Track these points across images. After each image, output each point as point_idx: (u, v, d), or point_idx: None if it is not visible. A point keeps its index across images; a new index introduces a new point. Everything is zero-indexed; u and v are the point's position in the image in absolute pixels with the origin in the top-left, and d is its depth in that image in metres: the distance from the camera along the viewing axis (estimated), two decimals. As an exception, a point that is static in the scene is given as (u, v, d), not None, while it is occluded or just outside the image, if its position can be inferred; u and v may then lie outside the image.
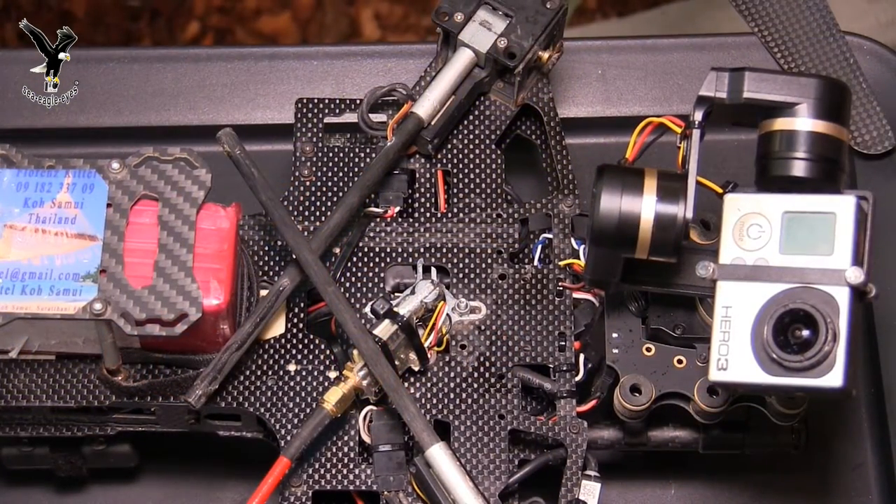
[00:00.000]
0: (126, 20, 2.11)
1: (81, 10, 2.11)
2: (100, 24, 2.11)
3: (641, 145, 1.06)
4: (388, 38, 2.12)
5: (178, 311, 1.00)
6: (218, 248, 1.03)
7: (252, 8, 2.13)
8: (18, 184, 1.03)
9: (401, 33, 2.14)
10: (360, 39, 2.11)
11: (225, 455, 1.16)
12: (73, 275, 1.01)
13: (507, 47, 1.11)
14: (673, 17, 2.13)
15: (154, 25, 2.11)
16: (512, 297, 1.09)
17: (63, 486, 1.15)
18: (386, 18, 2.14)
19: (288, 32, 2.13)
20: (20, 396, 1.06)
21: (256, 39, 2.11)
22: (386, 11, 2.14)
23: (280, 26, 2.13)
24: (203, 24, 2.12)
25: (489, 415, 1.06)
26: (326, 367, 1.08)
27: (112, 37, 2.09)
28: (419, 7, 2.14)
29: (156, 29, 2.11)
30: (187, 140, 1.21)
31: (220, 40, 2.10)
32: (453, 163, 1.14)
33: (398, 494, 1.04)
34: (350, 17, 2.14)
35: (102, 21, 2.11)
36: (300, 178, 1.13)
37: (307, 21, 2.14)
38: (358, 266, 1.10)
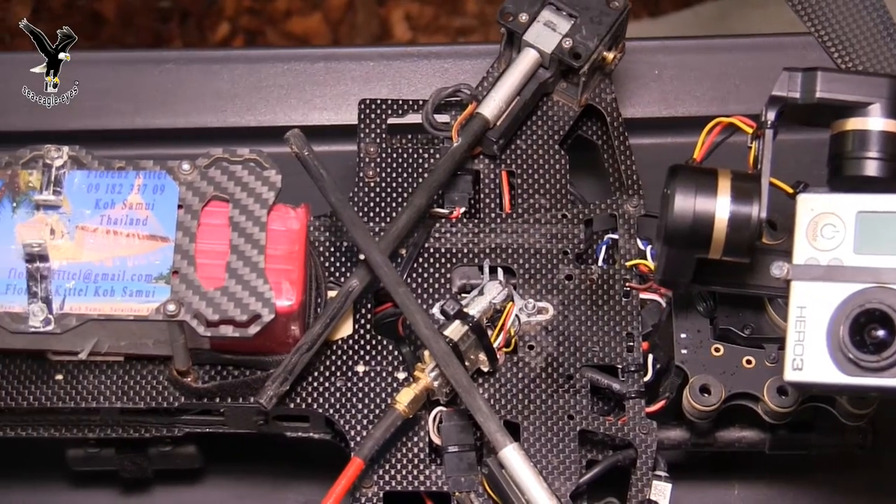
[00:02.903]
0: (156, 21, 2.11)
1: (111, 11, 2.11)
2: (130, 26, 2.11)
3: (710, 145, 1.06)
4: (419, 39, 2.12)
5: (250, 312, 1.00)
6: (289, 249, 1.03)
7: (282, 9, 2.13)
8: (89, 185, 1.03)
9: (431, 34, 2.14)
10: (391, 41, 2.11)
11: (288, 456, 1.16)
12: (145, 276, 1.01)
13: (573, 47, 1.11)
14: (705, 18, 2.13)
15: (184, 27, 2.11)
16: (578, 298, 1.09)
17: (127, 487, 1.16)
18: (416, 19, 2.14)
19: (319, 33, 2.13)
20: (89, 398, 1.06)
21: (287, 41, 2.11)
22: (416, 12, 2.14)
23: (311, 27, 2.13)
24: (233, 25, 2.12)
25: (558, 415, 1.06)
26: (394, 367, 1.08)
27: (142, 38, 2.09)
28: (449, 8, 2.14)
29: (186, 30, 2.11)
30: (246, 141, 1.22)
31: (251, 41, 2.10)
32: (517, 163, 1.14)
33: (469, 495, 1.04)
34: (381, 18, 2.14)
35: (132, 22, 2.11)
36: (364, 178, 1.13)
37: (338, 22, 2.14)
38: (424, 267, 1.10)
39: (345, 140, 1.22)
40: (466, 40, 2.13)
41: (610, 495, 1.07)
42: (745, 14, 2.09)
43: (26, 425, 1.08)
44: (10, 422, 1.08)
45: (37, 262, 0.99)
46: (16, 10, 2.11)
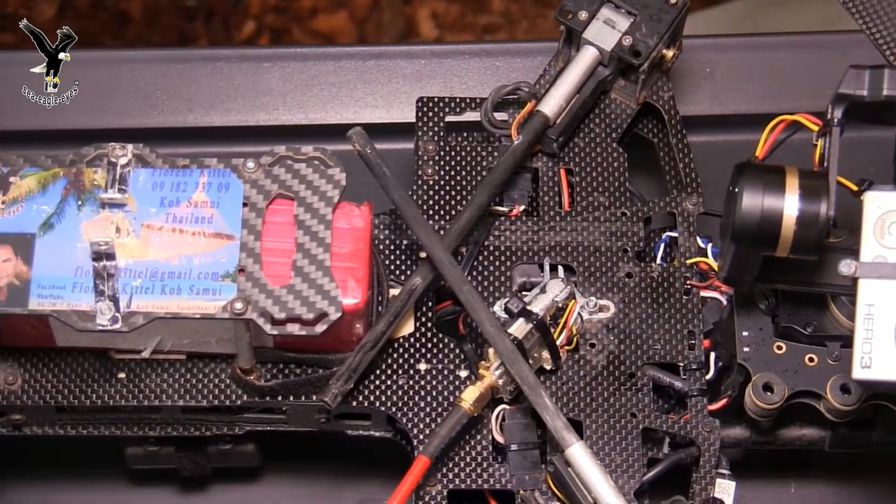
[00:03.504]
0: (182, 20, 2.11)
1: (137, 10, 2.10)
2: (156, 24, 2.11)
3: (773, 143, 1.06)
4: (445, 37, 2.12)
5: (317, 310, 1.00)
6: (354, 247, 1.03)
7: (308, 7, 2.13)
8: (154, 183, 1.03)
9: (457, 32, 2.14)
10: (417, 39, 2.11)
11: (345, 454, 1.16)
12: (211, 274, 1.01)
13: (633, 45, 1.11)
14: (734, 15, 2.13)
15: (210, 25, 2.11)
16: (639, 296, 1.09)
17: (186, 485, 1.15)
18: (442, 17, 2.14)
19: (345, 31, 2.13)
20: (152, 396, 1.06)
21: (313, 39, 2.11)
22: (442, 10, 2.14)
23: (337, 25, 2.13)
24: (259, 23, 2.12)
25: (620, 413, 1.06)
26: (456, 366, 1.08)
27: (168, 37, 2.09)
28: (475, 6, 2.14)
29: (211, 29, 2.11)
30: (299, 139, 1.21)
31: (277, 40, 2.10)
32: (575, 161, 1.14)
33: (534, 493, 1.04)
34: (406, 17, 2.14)
35: (158, 21, 2.11)
36: (423, 176, 1.13)
37: (364, 20, 2.14)
38: (484, 265, 1.10)
39: (396, 138, 1.22)
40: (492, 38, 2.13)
41: (667, 494, 1.07)
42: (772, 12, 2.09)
43: (87, 423, 1.08)
44: (72, 420, 1.07)
45: (103, 261, 0.99)
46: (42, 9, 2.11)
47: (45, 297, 0.99)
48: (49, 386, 1.06)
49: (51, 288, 1.00)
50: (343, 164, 1.05)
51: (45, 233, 1.01)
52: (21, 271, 1.00)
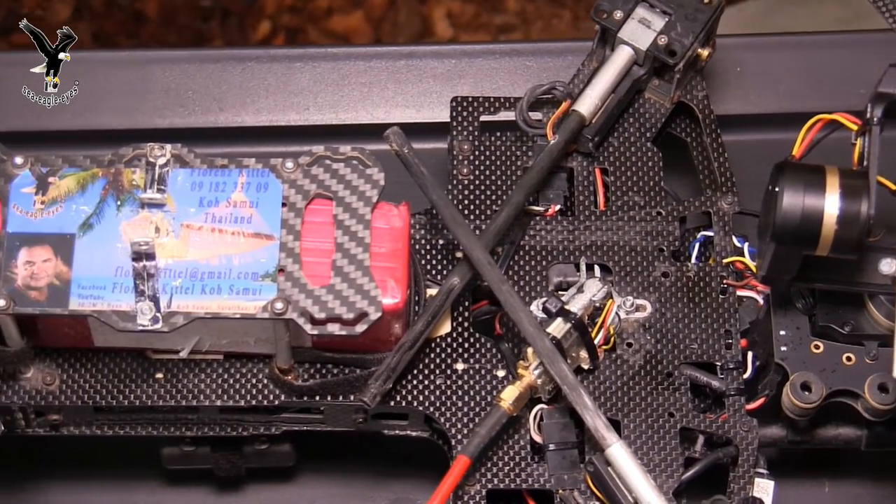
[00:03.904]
0: (197, 20, 2.11)
1: (153, 10, 2.10)
2: (171, 25, 2.11)
3: (810, 142, 1.06)
4: (461, 37, 2.12)
5: (357, 310, 1.00)
6: (393, 246, 1.03)
7: (324, 7, 2.13)
8: (193, 183, 1.03)
9: (472, 32, 2.14)
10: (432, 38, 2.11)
11: (379, 454, 1.16)
12: (251, 274, 1.01)
13: (668, 44, 1.11)
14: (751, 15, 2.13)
15: (225, 25, 2.11)
16: (675, 295, 1.09)
17: (221, 485, 1.15)
18: (458, 17, 2.14)
19: (360, 32, 2.13)
20: (189, 396, 1.06)
21: (328, 39, 2.11)
22: (458, 10, 2.14)
23: (352, 25, 2.13)
24: (274, 23, 2.12)
25: (658, 413, 1.06)
26: (493, 365, 1.07)
27: (184, 37, 2.09)
28: (490, 6, 2.14)
29: (227, 29, 2.11)
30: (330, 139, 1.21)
31: (292, 40, 2.10)
32: (610, 160, 1.14)
33: (573, 493, 1.04)
34: (422, 16, 2.14)
35: (174, 21, 2.11)
36: (458, 176, 1.13)
37: (380, 20, 2.14)
38: (520, 265, 1.10)
39: (426, 137, 1.22)
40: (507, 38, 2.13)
41: (701, 493, 1.07)
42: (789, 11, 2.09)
43: (124, 423, 1.08)
44: (109, 420, 1.07)
45: (143, 261, 0.99)
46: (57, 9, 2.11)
47: (86, 297, 0.99)
48: (87, 386, 1.06)
49: (91, 288, 1.00)
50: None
51: (84, 233, 1.01)
52: (61, 271, 1.00)
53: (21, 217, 1.01)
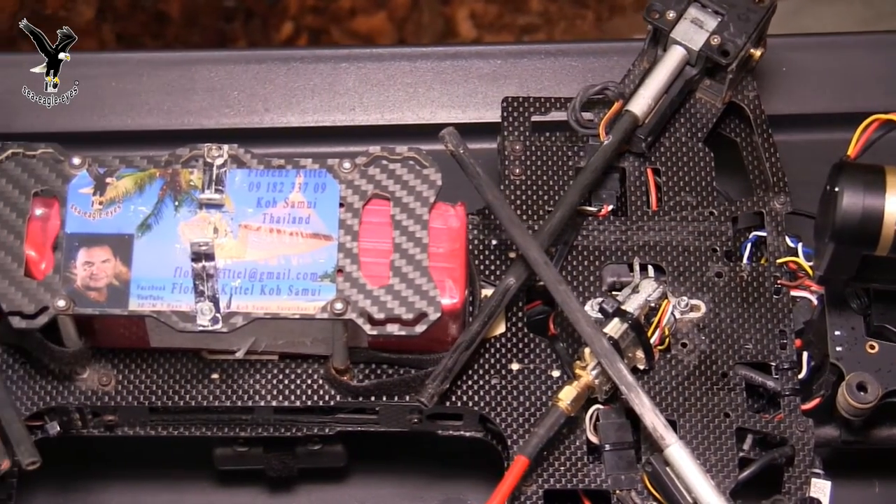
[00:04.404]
0: (220, 21, 2.11)
1: (176, 11, 2.10)
2: (194, 25, 2.11)
3: (865, 142, 1.06)
4: (484, 37, 2.12)
5: (416, 310, 1.00)
6: (450, 247, 1.03)
7: (347, 8, 2.13)
8: (250, 184, 1.03)
9: (496, 33, 2.14)
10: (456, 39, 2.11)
11: (430, 455, 1.16)
12: (310, 274, 1.01)
13: (721, 45, 1.11)
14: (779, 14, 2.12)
15: (248, 26, 2.11)
16: (729, 296, 1.09)
17: (272, 486, 1.15)
18: (481, 17, 2.14)
19: (384, 32, 2.13)
20: (245, 396, 1.06)
21: (352, 40, 2.11)
22: (481, 11, 2.14)
23: (376, 26, 2.13)
24: (297, 24, 2.12)
25: (714, 413, 1.06)
26: (548, 365, 1.07)
27: (206, 37, 2.09)
28: (513, 6, 2.14)
29: (250, 30, 2.11)
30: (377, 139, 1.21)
31: (315, 41, 2.09)
32: (662, 161, 1.14)
33: (630, 493, 1.04)
34: (445, 17, 2.14)
35: (197, 22, 2.11)
36: (510, 176, 1.13)
37: (403, 20, 2.13)
38: (573, 265, 1.10)
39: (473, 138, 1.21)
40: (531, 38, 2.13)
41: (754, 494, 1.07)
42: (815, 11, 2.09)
43: (178, 424, 1.07)
44: (163, 420, 1.07)
45: (203, 261, 0.99)
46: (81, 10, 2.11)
47: (145, 297, 0.99)
48: (142, 387, 1.06)
49: (150, 289, 1.00)
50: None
51: (143, 233, 1.01)
52: (120, 272, 1.00)
53: (79, 217, 1.01)
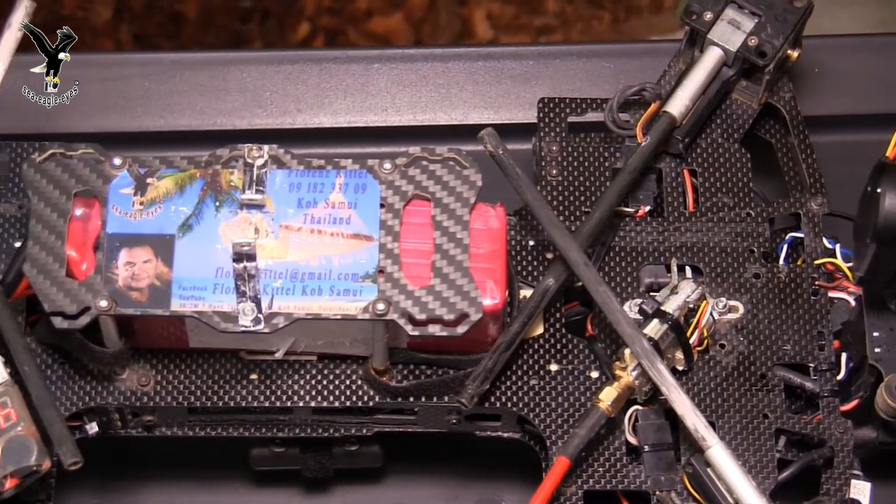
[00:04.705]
0: (236, 21, 2.11)
1: (192, 11, 2.10)
2: (210, 26, 2.11)
3: (904, 142, 1.06)
4: (501, 38, 2.12)
5: (457, 311, 1.00)
6: (491, 247, 1.03)
7: (363, 9, 2.13)
8: (291, 184, 1.03)
9: (512, 33, 2.14)
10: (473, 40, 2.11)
11: (465, 456, 1.16)
12: (351, 275, 1.01)
13: (758, 46, 1.11)
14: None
15: (264, 27, 2.11)
16: (766, 297, 1.09)
17: (307, 486, 1.15)
18: (498, 18, 2.14)
19: (400, 33, 2.13)
20: (283, 397, 1.06)
21: (368, 41, 2.11)
22: (498, 11, 2.14)
23: (392, 27, 2.13)
24: (313, 25, 2.12)
25: (753, 414, 1.06)
26: (587, 366, 1.07)
27: (222, 38, 2.09)
28: (529, 7, 2.14)
29: (266, 30, 2.11)
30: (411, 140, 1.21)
31: (331, 41, 2.09)
32: (698, 162, 1.14)
33: (670, 494, 1.04)
34: (462, 18, 2.14)
35: (213, 22, 2.11)
36: (547, 177, 1.13)
37: (420, 21, 2.14)
38: (610, 266, 1.10)
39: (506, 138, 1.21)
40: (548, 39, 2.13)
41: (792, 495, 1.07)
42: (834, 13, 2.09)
43: (216, 424, 1.07)
44: (201, 421, 1.07)
45: (244, 262, 0.99)
46: (98, 11, 2.11)
47: (187, 298, 0.99)
48: (181, 387, 1.05)
49: (192, 289, 0.99)
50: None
51: (184, 234, 1.01)
52: (162, 272, 1.00)
53: (120, 218, 1.01)
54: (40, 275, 0.99)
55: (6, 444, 0.99)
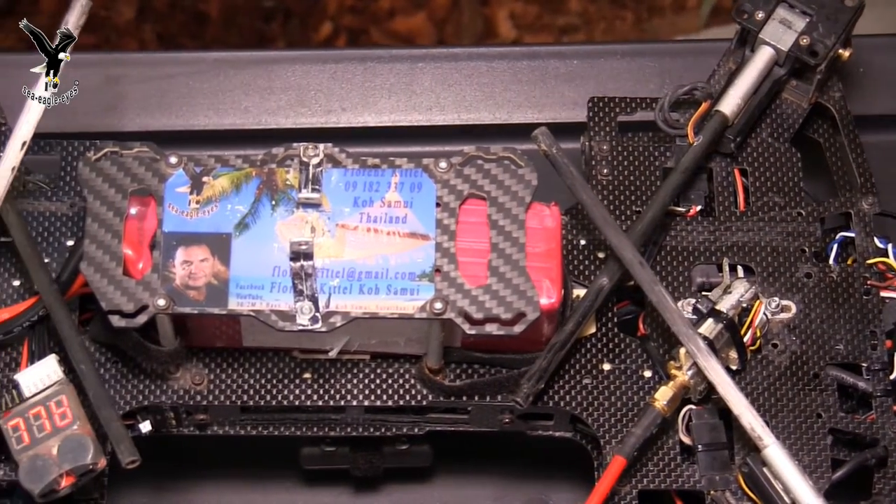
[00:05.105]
0: (259, 21, 2.11)
1: (215, 11, 2.10)
2: (233, 25, 2.11)
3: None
4: (524, 38, 2.12)
5: (514, 310, 1.00)
6: (547, 246, 1.03)
7: (386, 8, 2.12)
8: (347, 183, 1.03)
9: (535, 33, 2.14)
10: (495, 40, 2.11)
11: (512, 455, 1.16)
12: (408, 274, 1.00)
13: (810, 45, 1.11)
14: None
15: (287, 26, 2.11)
16: (819, 296, 1.09)
17: (355, 485, 1.15)
18: (520, 18, 2.14)
19: (423, 33, 2.13)
20: (337, 396, 1.06)
21: (391, 40, 2.10)
22: (520, 11, 2.14)
23: (415, 26, 2.13)
24: (336, 24, 2.11)
25: (806, 414, 1.06)
26: (639, 366, 1.07)
27: (245, 37, 2.09)
28: (552, 7, 2.14)
29: (289, 30, 2.11)
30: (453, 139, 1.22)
31: (354, 41, 2.09)
32: (748, 161, 1.14)
33: (724, 494, 1.03)
34: (485, 17, 2.14)
35: (236, 22, 2.11)
36: (597, 176, 1.12)
37: (443, 21, 2.13)
38: (662, 265, 1.10)
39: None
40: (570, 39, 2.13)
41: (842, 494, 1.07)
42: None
43: (268, 423, 1.07)
44: (253, 420, 1.07)
45: (301, 261, 0.99)
46: (121, 10, 2.11)
47: (244, 296, 0.99)
48: (234, 386, 1.05)
49: (249, 288, 0.99)
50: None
51: (240, 233, 1.01)
52: (219, 271, 1.00)
53: (177, 216, 1.01)
54: (97, 273, 0.99)
55: (62, 443, 0.99)
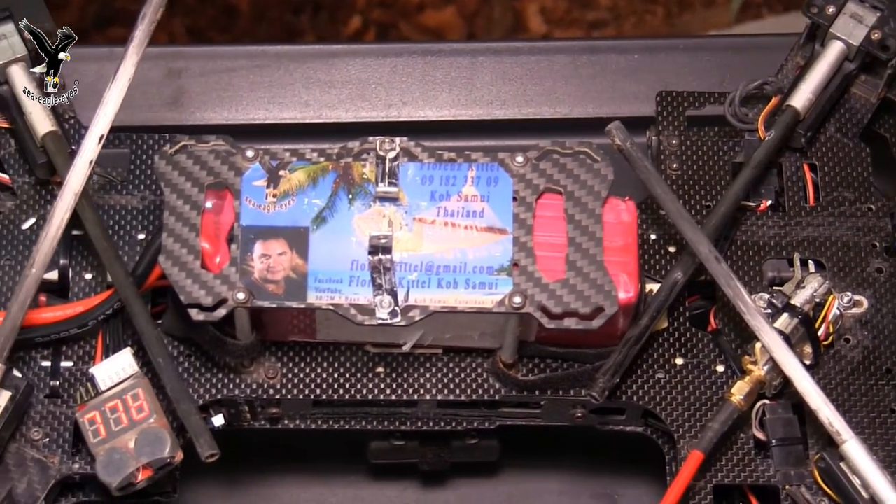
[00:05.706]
0: (288, 14, 2.11)
1: (245, 4, 2.10)
2: (262, 19, 2.10)
3: None
4: (554, 33, 2.12)
5: (592, 304, 1.00)
6: (624, 241, 1.03)
7: (415, 2, 2.12)
8: (423, 177, 1.02)
9: (565, 28, 2.13)
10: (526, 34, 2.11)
11: (580, 450, 1.16)
12: (486, 268, 1.00)
13: (882, 40, 1.11)
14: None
15: (316, 19, 2.11)
16: (890, 291, 1.09)
17: (421, 479, 1.15)
18: (551, 13, 2.14)
19: (453, 27, 2.12)
20: (410, 391, 1.05)
21: (420, 34, 2.10)
22: (550, 6, 2.14)
23: (445, 20, 2.12)
24: (365, 18, 2.11)
25: (880, 409, 1.06)
26: (712, 360, 1.07)
27: (274, 31, 2.09)
28: (582, 2, 2.14)
29: (318, 23, 2.10)
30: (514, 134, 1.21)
31: (383, 35, 2.09)
32: (817, 156, 1.13)
33: (800, 489, 1.03)
34: (515, 12, 2.13)
35: (265, 15, 2.11)
36: (667, 171, 1.12)
37: (472, 15, 2.13)
38: (733, 260, 1.10)
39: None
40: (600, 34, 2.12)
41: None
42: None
43: (339, 417, 1.07)
44: (324, 414, 1.07)
45: (380, 255, 0.99)
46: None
47: (323, 290, 0.99)
48: (307, 380, 1.05)
49: (328, 282, 0.99)
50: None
51: (318, 226, 1.00)
52: (297, 265, 0.99)
53: (254, 210, 1.00)
54: (176, 267, 0.99)
55: (139, 436, 0.99)
